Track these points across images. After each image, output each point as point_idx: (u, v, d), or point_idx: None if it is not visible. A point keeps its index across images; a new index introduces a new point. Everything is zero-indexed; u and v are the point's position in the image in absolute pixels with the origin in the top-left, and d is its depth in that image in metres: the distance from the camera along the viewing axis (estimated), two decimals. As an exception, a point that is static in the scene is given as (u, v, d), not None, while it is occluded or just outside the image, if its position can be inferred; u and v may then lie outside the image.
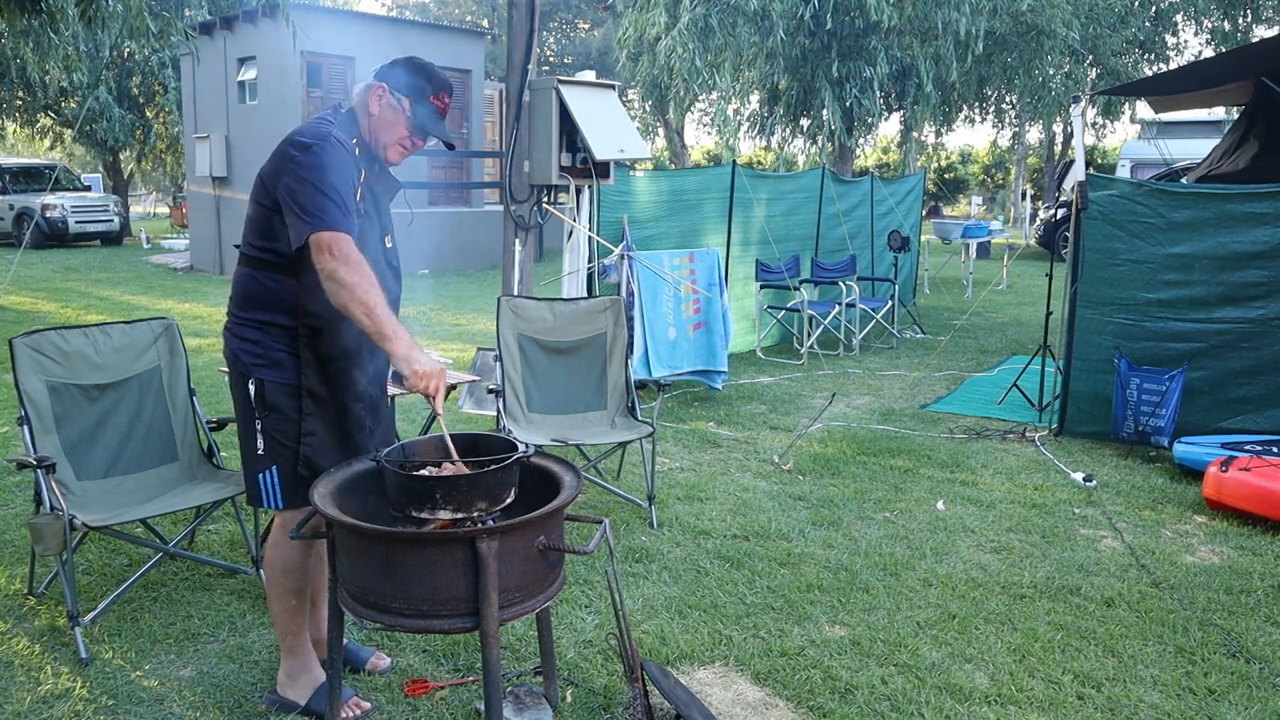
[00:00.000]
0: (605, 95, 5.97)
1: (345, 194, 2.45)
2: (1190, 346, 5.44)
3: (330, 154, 2.46)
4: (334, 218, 2.40)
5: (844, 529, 4.27)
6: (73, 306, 11.06)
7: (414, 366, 2.34)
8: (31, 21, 8.92)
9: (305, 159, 2.45)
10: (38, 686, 2.84)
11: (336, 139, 2.51)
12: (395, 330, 2.37)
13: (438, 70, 2.67)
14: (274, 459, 2.63)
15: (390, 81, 2.61)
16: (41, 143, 26.82)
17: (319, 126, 2.53)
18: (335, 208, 2.40)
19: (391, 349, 2.36)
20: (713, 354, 6.82)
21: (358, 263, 2.38)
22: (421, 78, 2.62)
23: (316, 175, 2.42)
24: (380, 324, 2.36)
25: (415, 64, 2.64)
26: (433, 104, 2.63)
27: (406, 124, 2.62)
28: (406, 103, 2.60)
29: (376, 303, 2.36)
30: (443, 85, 2.66)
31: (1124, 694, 2.89)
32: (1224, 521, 4.39)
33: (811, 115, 16.36)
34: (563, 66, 31.48)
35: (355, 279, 2.36)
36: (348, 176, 2.49)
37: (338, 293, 2.38)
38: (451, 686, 2.87)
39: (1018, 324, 10.45)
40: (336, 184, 2.43)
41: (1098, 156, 28.62)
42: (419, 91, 2.61)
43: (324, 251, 2.38)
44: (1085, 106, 6.18)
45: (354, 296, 2.35)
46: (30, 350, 3.36)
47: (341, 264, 2.36)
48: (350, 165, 2.51)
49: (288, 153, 2.49)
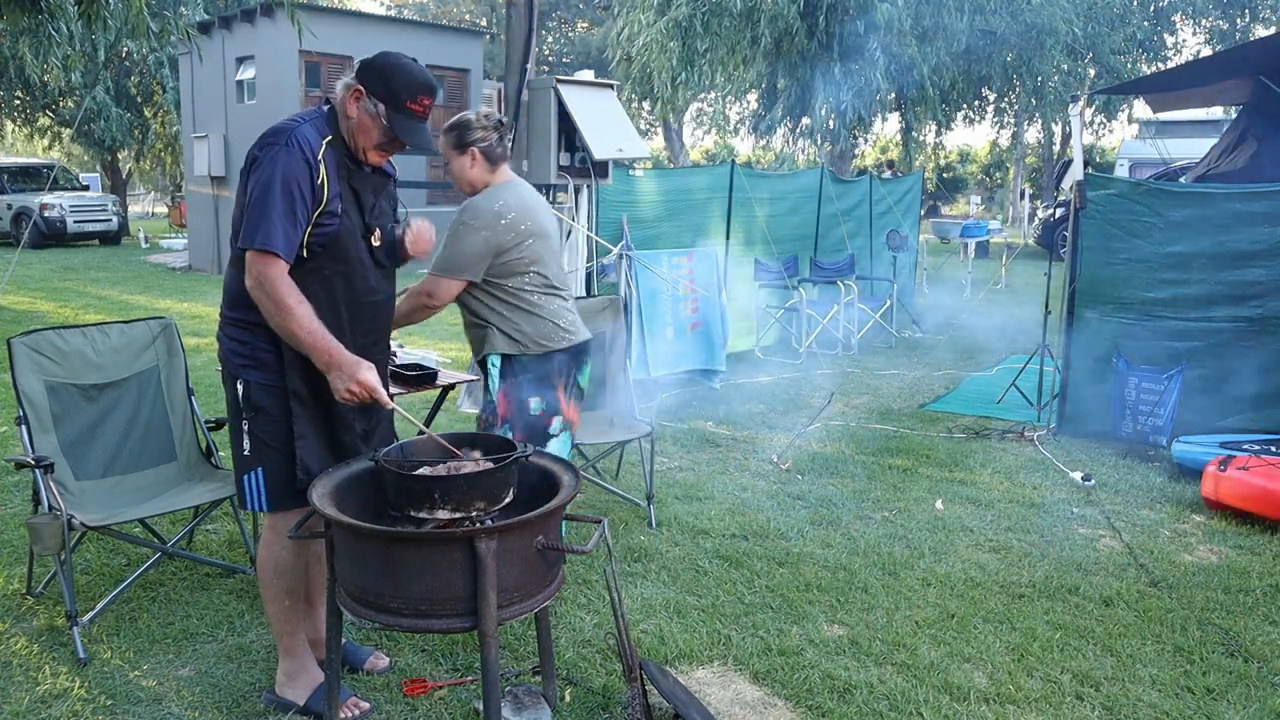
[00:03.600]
0: (604, 95, 5.97)
1: (287, 204, 2.39)
2: (1189, 345, 5.44)
3: (280, 157, 2.41)
4: (267, 235, 2.38)
5: (843, 528, 4.27)
6: (71, 306, 11.05)
7: (334, 384, 2.41)
8: (31, 20, 8.91)
9: (261, 161, 2.43)
10: (36, 686, 2.84)
11: (295, 139, 2.43)
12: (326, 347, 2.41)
13: (417, 71, 2.52)
14: (259, 461, 2.61)
15: (366, 84, 2.50)
16: (40, 142, 26.79)
17: (284, 124, 2.48)
18: (271, 223, 2.37)
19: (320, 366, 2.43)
20: (711, 353, 6.82)
21: (276, 284, 2.39)
22: (398, 82, 2.48)
23: (264, 182, 2.40)
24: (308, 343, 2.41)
25: (393, 65, 2.50)
26: (410, 109, 2.50)
27: (382, 131, 2.51)
28: (382, 108, 2.49)
29: (301, 323, 2.40)
30: (421, 88, 2.51)
31: (1122, 693, 2.90)
32: (1222, 521, 4.39)
33: (811, 115, 16.37)
34: (561, 66, 31.47)
35: (274, 304, 2.40)
36: (293, 182, 2.40)
37: (265, 314, 2.45)
38: (450, 686, 2.87)
39: (1016, 323, 10.45)
40: (278, 194, 2.38)
41: (1096, 155, 28.63)
42: (394, 97, 2.48)
43: (249, 272, 2.42)
44: (1084, 106, 6.18)
45: (280, 320, 2.42)
46: (28, 350, 3.36)
47: (262, 289, 2.40)
48: (300, 169, 2.41)
49: (252, 153, 2.48)
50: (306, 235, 2.45)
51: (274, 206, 2.38)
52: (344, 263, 2.56)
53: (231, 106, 15.15)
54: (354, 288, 2.60)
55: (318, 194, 2.46)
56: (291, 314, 2.39)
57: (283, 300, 2.39)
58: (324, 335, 2.42)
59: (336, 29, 14.25)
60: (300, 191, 2.42)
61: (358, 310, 2.63)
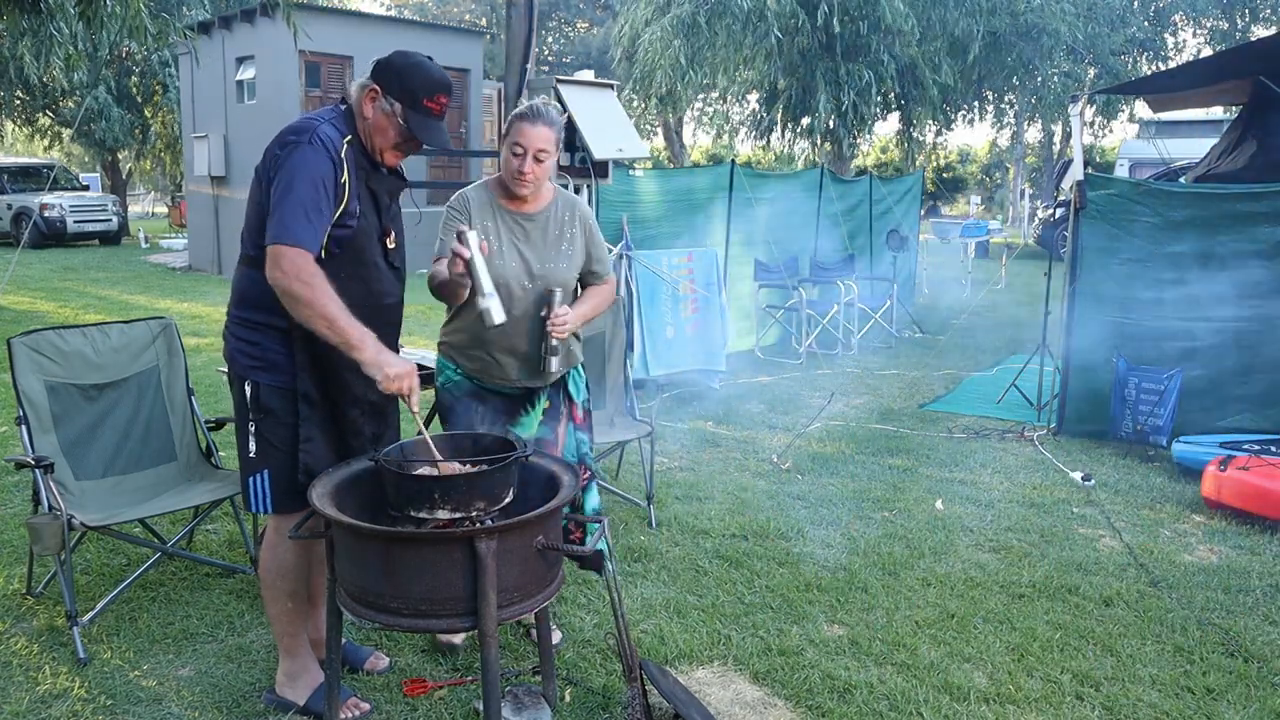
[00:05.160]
0: (604, 94, 5.97)
1: (314, 200, 2.37)
2: (1188, 345, 5.44)
3: (304, 154, 2.39)
4: (296, 231, 2.34)
5: (843, 528, 4.27)
6: (71, 306, 11.05)
7: (385, 370, 2.32)
8: (32, 21, 8.91)
9: (284, 158, 2.40)
10: (36, 686, 2.84)
11: (318, 137, 2.41)
12: (360, 337, 2.34)
13: (433, 69, 2.50)
14: (265, 463, 2.59)
15: (382, 83, 2.48)
16: (40, 142, 26.80)
17: (305, 123, 2.46)
18: (299, 218, 2.34)
19: (359, 356, 2.34)
20: (711, 353, 6.82)
21: (309, 276, 2.33)
22: (414, 81, 2.47)
23: (289, 178, 2.37)
24: (343, 333, 2.33)
25: (409, 63, 2.49)
26: (426, 107, 2.48)
27: (398, 131, 2.50)
28: (399, 108, 2.47)
29: (336, 313, 2.33)
30: (438, 85, 2.49)
31: (1122, 693, 2.90)
32: (1222, 521, 4.39)
33: (811, 115, 16.38)
34: (561, 66, 31.48)
35: (309, 294, 2.33)
36: (320, 180, 2.39)
37: (295, 308, 2.36)
38: (450, 686, 2.87)
39: (1016, 323, 10.45)
40: (306, 190, 2.36)
41: (1096, 155, 28.64)
42: (411, 96, 2.46)
43: (276, 266, 2.35)
44: (1084, 106, 6.19)
45: (313, 311, 2.33)
46: (28, 350, 3.36)
47: (293, 280, 2.33)
48: (325, 166, 2.40)
49: (273, 150, 2.45)
50: (326, 236, 2.43)
51: (299, 201, 2.35)
52: (360, 265, 2.54)
53: (231, 106, 15.15)
54: (370, 290, 2.57)
55: (340, 193, 2.44)
56: (332, 300, 2.33)
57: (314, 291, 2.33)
58: (360, 327, 2.36)
59: (336, 29, 14.26)
60: (325, 189, 2.40)
61: (374, 313, 2.57)
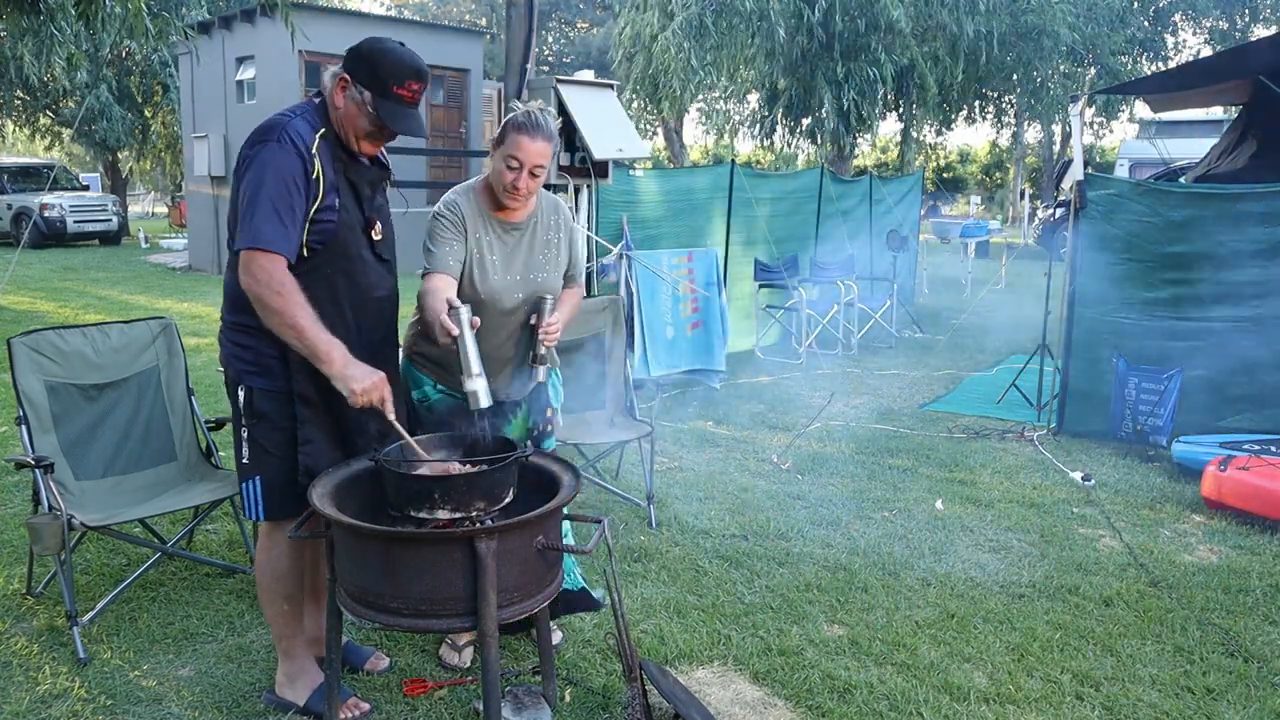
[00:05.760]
0: (604, 95, 5.97)
1: (285, 200, 2.34)
2: (1188, 345, 5.43)
3: (270, 153, 2.36)
4: (267, 234, 2.32)
5: (843, 528, 4.27)
6: (71, 306, 11.05)
7: (351, 385, 2.32)
8: (32, 21, 8.91)
9: (252, 158, 2.38)
10: (36, 686, 2.84)
11: (286, 134, 2.38)
12: (329, 349, 2.33)
13: (404, 54, 2.44)
14: (257, 469, 2.57)
15: (352, 71, 2.43)
16: (40, 142, 26.80)
17: (274, 120, 2.43)
18: (270, 220, 2.32)
19: (327, 370, 2.33)
20: (710, 353, 6.82)
21: (279, 285, 2.32)
22: (384, 68, 2.40)
23: (257, 179, 2.34)
24: (312, 344, 2.32)
25: (378, 50, 2.43)
26: (397, 94, 2.42)
27: (370, 119, 2.44)
28: (369, 95, 2.41)
29: (306, 324, 2.32)
30: (409, 72, 2.42)
31: (1122, 693, 2.90)
32: (1222, 521, 4.39)
33: (812, 115, 16.38)
34: (561, 66, 31.48)
35: (280, 303, 2.31)
36: (289, 179, 2.35)
37: (266, 316, 2.35)
38: (450, 686, 2.87)
39: (1016, 323, 10.44)
40: (275, 190, 2.33)
41: (1096, 156, 28.64)
42: (380, 84, 2.41)
43: (247, 272, 2.34)
44: (1084, 106, 6.18)
45: (282, 320, 2.32)
46: (28, 350, 3.36)
47: (264, 288, 2.32)
48: (293, 164, 2.36)
49: (244, 151, 2.43)
50: (305, 233, 2.41)
51: (269, 204, 2.32)
52: (345, 259, 2.52)
53: (231, 106, 15.16)
54: (357, 284, 2.55)
55: (313, 188, 2.40)
56: (302, 309, 2.32)
57: (285, 299, 2.31)
58: (328, 338, 2.34)
59: (337, 29, 14.25)
60: (295, 187, 2.37)
61: (363, 307, 2.58)
